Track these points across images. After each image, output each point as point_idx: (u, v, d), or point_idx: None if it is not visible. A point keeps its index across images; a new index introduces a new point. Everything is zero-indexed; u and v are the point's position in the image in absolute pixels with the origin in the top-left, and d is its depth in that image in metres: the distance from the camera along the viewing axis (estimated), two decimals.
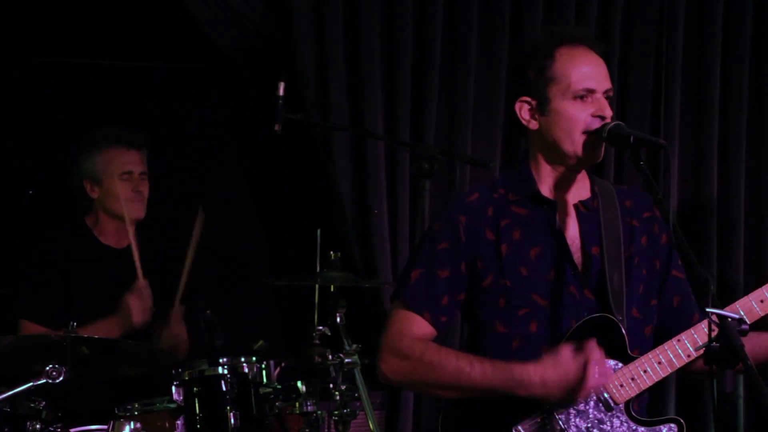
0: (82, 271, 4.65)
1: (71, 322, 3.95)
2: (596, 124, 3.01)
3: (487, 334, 3.06)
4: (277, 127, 4.12)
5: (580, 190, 3.12)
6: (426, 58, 5.12)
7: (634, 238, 3.12)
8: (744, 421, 5.32)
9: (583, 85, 3.02)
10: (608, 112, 3.02)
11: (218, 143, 5.56)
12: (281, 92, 4.11)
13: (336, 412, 4.34)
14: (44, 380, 3.83)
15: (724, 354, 2.59)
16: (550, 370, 2.89)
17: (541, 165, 3.10)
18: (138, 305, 4.51)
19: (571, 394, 2.90)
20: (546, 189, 3.09)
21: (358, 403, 4.40)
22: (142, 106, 5.37)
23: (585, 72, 3.03)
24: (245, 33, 5.14)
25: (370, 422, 4.40)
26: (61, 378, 3.84)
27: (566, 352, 2.90)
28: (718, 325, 2.60)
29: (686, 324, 3.08)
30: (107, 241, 4.74)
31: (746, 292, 3.05)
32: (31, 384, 3.83)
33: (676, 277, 3.17)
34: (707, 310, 2.60)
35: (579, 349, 2.90)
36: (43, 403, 3.98)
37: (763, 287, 3.03)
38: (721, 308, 2.63)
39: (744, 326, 2.64)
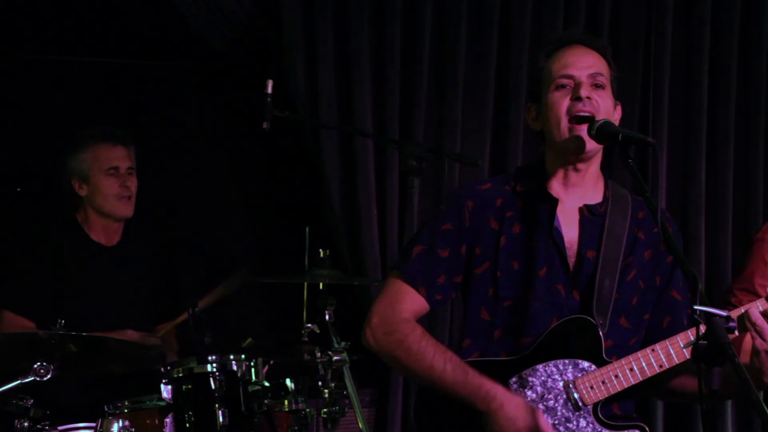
0: (71, 267, 4.65)
1: (59, 320, 3.95)
2: (578, 106, 3.04)
3: (472, 320, 3.13)
4: (265, 125, 4.12)
5: (590, 192, 3.15)
6: (415, 56, 5.12)
7: (635, 250, 3.14)
8: (732, 420, 5.34)
9: (562, 72, 3.08)
10: (583, 93, 3.05)
11: (207, 141, 5.55)
12: (269, 90, 4.11)
13: (325, 410, 4.34)
14: (32, 378, 3.83)
15: (712, 351, 2.59)
16: (513, 404, 2.95)
17: (550, 163, 3.15)
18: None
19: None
20: (554, 186, 3.13)
21: (346, 401, 4.40)
22: (131, 103, 5.37)
23: (565, 62, 3.10)
24: (234, 31, 5.13)
25: (358, 420, 4.40)
26: (49, 375, 3.84)
27: (538, 411, 2.96)
28: (705, 323, 2.60)
29: None
30: (97, 238, 4.74)
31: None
32: (18, 381, 3.84)
33: (673, 297, 3.18)
34: (694, 307, 2.61)
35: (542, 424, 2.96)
36: (31, 400, 3.97)
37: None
38: (710, 306, 2.63)
39: (731, 324, 2.64)
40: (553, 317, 3.04)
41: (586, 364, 3.02)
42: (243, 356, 4.21)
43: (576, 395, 3.00)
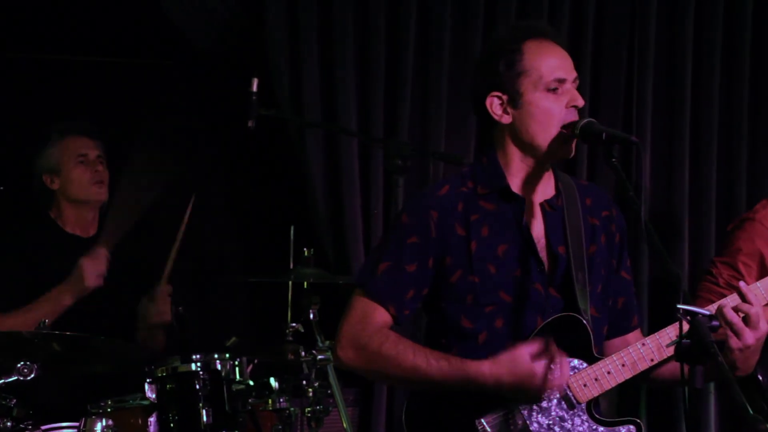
0: (48, 261, 4.62)
1: (43, 319, 3.93)
2: (571, 115, 3.03)
3: (451, 329, 3.07)
4: (250, 124, 4.12)
5: (546, 187, 3.13)
6: (399, 54, 5.12)
7: (595, 237, 3.14)
8: (715, 418, 5.36)
9: (554, 76, 3.03)
10: (581, 102, 3.04)
11: (191, 139, 5.54)
12: (254, 88, 4.11)
13: (309, 409, 4.34)
14: (15, 377, 3.81)
15: (695, 350, 2.61)
16: (504, 370, 2.91)
17: (511, 159, 3.10)
18: (92, 268, 4.47)
19: (526, 393, 2.93)
20: (515, 184, 3.09)
21: (331, 400, 4.41)
22: (114, 102, 5.35)
23: (554, 63, 3.05)
24: (218, 29, 5.13)
25: (343, 419, 4.40)
26: (32, 375, 3.82)
27: (525, 352, 2.91)
28: (689, 322, 2.61)
29: (625, 326, 3.18)
30: (73, 230, 4.73)
31: None
32: (2, 381, 3.82)
33: (624, 278, 3.21)
34: (678, 306, 2.62)
35: (541, 349, 2.91)
36: (14, 400, 3.94)
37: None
38: (692, 305, 2.64)
39: (714, 323, 2.65)
40: (537, 316, 3.02)
41: (576, 361, 3.01)
42: (227, 355, 4.20)
43: (569, 393, 3.00)
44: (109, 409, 4.10)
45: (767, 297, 3.07)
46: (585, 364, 3.01)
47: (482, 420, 2.97)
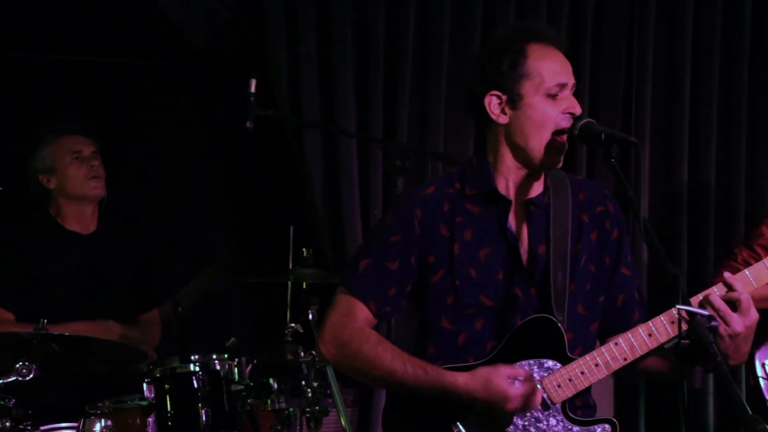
0: (48, 258, 4.64)
1: (42, 319, 3.93)
2: (566, 121, 3.03)
3: (432, 328, 3.09)
4: (248, 124, 4.12)
5: (534, 185, 3.12)
6: (398, 54, 5.12)
7: (582, 235, 3.12)
8: (713, 417, 5.36)
9: (556, 81, 3.03)
10: (578, 110, 3.04)
11: (190, 140, 5.54)
12: (252, 89, 4.11)
13: (308, 409, 4.34)
14: (14, 377, 3.81)
15: (694, 350, 2.61)
16: (479, 386, 2.93)
17: (501, 161, 3.10)
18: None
19: (496, 414, 2.95)
20: (502, 186, 3.10)
21: (330, 400, 4.40)
22: (113, 102, 5.35)
23: (556, 68, 3.05)
24: (216, 29, 5.13)
25: (342, 419, 4.40)
26: (31, 375, 3.82)
27: (503, 373, 2.93)
28: (687, 322, 2.61)
29: (626, 322, 3.14)
30: (72, 227, 4.73)
31: None
32: (1, 381, 3.81)
33: (624, 274, 3.18)
34: (677, 306, 2.62)
35: (519, 374, 2.93)
36: (13, 400, 3.94)
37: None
38: (690, 305, 2.64)
39: (713, 323, 2.66)
40: (518, 319, 3.03)
41: (550, 362, 3.01)
42: (226, 355, 4.20)
43: (544, 395, 3.01)
44: (107, 410, 4.10)
45: (755, 283, 3.06)
46: (559, 365, 3.02)
47: (458, 424, 2.98)
